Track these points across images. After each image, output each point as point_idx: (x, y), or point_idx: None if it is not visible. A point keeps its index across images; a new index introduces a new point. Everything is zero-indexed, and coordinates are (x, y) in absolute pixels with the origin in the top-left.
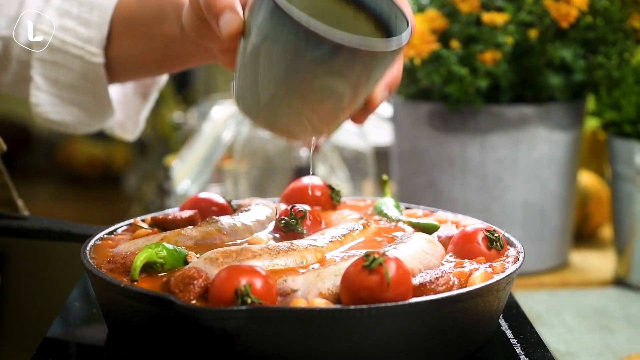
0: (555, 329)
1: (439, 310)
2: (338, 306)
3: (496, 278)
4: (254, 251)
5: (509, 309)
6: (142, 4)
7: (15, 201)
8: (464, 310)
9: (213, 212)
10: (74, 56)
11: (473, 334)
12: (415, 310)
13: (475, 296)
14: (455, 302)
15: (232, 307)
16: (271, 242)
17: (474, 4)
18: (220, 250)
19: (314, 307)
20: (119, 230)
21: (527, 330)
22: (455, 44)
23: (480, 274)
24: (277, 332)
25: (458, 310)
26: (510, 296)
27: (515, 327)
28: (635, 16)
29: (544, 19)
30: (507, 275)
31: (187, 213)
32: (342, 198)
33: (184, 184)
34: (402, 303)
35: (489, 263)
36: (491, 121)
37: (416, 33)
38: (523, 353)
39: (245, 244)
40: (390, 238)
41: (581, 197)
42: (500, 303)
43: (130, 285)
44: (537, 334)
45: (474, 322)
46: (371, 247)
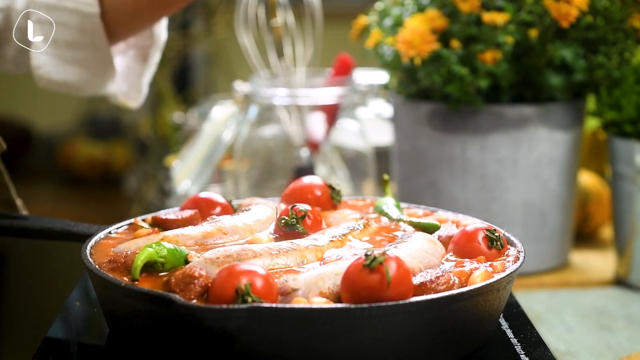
0: (555, 329)
1: (440, 309)
2: (339, 305)
3: (497, 277)
4: (255, 251)
5: (510, 309)
6: None
7: (14, 200)
8: (465, 309)
9: (214, 212)
10: (71, 11)
11: (473, 333)
12: (415, 309)
13: (475, 295)
14: (455, 302)
15: (233, 306)
16: (272, 242)
17: (474, 4)
18: (220, 249)
19: (315, 306)
20: (120, 229)
21: (528, 329)
22: (455, 44)
23: (480, 273)
24: (278, 331)
25: (458, 309)
26: (510, 296)
27: (515, 327)
28: (635, 16)
29: (545, 19)
30: (508, 274)
31: (188, 213)
32: (343, 198)
33: (185, 185)
34: (403, 302)
35: (490, 262)
36: (491, 121)
37: (416, 33)
38: (523, 352)
39: (245, 244)
40: (390, 237)
41: (581, 197)
42: (500, 302)
43: (131, 284)
44: (538, 334)
45: (475, 322)
46: (372, 247)
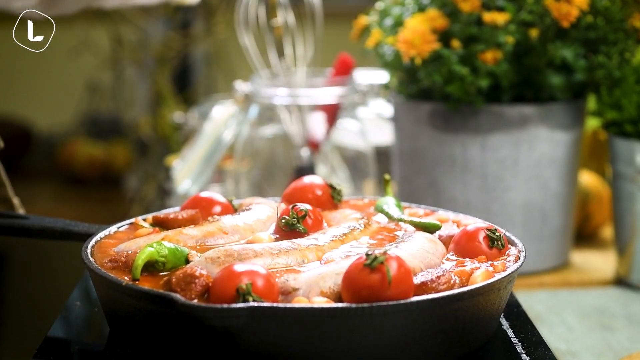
0: (556, 328)
1: (440, 308)
2: (339, 305)
3: (497, 277)
4: (256, 250)
5: (510, 308)
6: None
7: (10, 198)
8: (465, 309)
9: (214, 212)
10: None
11: (474, 333)
12: (416, 308)
13: (476, 295)
14: (456, 301)
15: (234, 306)
16: (272, 242)
17: (475, 4)
18: (221, 249)
19: (316, 306)
20: (121, 229)
21: (528, 329)
22: (456, 44)
23: (481, 273)
24: (279, 331)
25: (459, 309)
26: (511, 295)
27: (516, 326)
28: (635, 16)
29: (545, 19)
30: (509, 274)
31: (189, 212)
32: (343, 197)
33: (185, 184)
34: (404, 302)
35: (490, 262)
36: (492, 121)
37: (417, 33)
38: (524, 352)
39: (246, 243)
40: (391, 237)
41: (582, 197)
42: (501, 302)
43: (131, 284)
44: (538, 333)
45: (475, 321)
46: (372, 246)
